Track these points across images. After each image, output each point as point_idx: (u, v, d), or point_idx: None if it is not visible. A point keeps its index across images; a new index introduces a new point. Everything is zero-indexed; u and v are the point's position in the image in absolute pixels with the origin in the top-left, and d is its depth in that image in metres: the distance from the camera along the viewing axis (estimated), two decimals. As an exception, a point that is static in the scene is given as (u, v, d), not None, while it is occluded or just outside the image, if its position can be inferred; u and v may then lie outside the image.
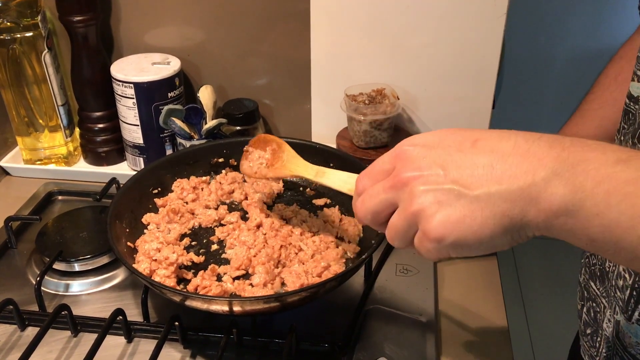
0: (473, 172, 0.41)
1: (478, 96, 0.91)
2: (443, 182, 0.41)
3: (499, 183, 0.40)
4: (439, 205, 0.41)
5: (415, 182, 0.42)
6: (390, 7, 0.87)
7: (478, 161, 0.41)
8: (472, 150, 0.42)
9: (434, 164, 0.42)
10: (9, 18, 0.86)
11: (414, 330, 0.68)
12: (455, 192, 0.41)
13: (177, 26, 0.97)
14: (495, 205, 0.40)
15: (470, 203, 0.41)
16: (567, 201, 0.38)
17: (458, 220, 0.41)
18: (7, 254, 0.80)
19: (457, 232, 0.41)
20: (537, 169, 0.39)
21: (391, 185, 0.44)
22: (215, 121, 0.89)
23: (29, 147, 0.97)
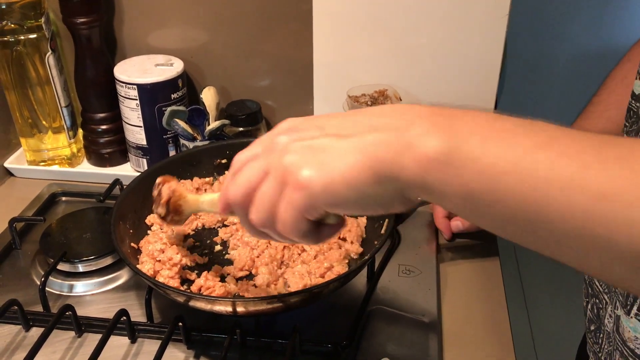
0: (350, 126, 0.40)
1: (480, 97, 0.92)
2: (319, 136, 0.40)
3: (374, 130, 0.39)
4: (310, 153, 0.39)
5: (290, 142, 0.40)
6: (393, 8, 0.88)
7: (357, 119, 0.40)
8: (352, 114, 0.41)
9: (312, 126, 0.41)
10: (12, 20, 0.86)
11: (417, 330, 0.68)
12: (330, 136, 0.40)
13: (180, 28, 0.97)
14: (368, 148, 0.38)
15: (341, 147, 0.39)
16: (442, 146, 0.36)
17: (326, 163, 0.38)
18: (11, 255, 0.80)
19: (325, 176, 0.38)
20: (415, 120, 0.38)
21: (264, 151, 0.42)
22: (218, 122, 0.89)
23: (33, 148, 0.97)
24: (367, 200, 0.39)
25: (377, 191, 0.38)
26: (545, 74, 2.56)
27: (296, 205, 0.40)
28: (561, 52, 2.50)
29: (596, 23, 2.41)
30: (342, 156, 0.38)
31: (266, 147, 0.42)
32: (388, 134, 0.38)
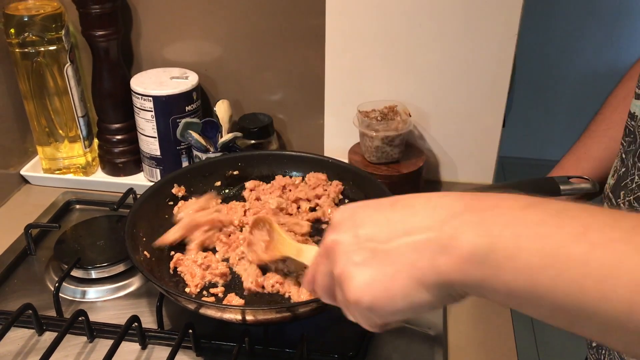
0: (386, 228, 0.41)
1: (489, 114, 0.93)
2: (358, 242, 0.41)
3: (408, 234, 0.39)
4: (354, 267, 0.41)
5: (335, 247, 0.43)
6: (404, 25, 0.89)
7: (392, 217, 0.41)
8: (389, 209, 0.42)
9: (353, 225, 0.42)
10: (34, 32, 0.89)
11: (423, 343, 0.69)
12: (369, 249, 0.41)
13: (196, 42, 1.00)
14: (404, 257, 0.39)
15: (382, 258, 0.40)
16: (476, 245, 0.36)
17: (370, 280, 0.40)
18: (26, 261, 0.82)
19: (370, 293, 0.40)
20: (447, 218, 0.38)
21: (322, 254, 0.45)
22: (230, 135, 0.91)
23: (49, 156, 1.00)
24: (414, 306, 0.40)
25: (422, 297, 0.39)
26: (554, 93, 2.57)
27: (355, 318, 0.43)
28: (570, 71, 2.51)
29: (605, 42, 2.42)
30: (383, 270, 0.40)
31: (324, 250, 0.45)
32: (422, 237, 0.39)
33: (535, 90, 2.53)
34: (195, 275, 0.70)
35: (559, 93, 2.56)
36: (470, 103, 0.93)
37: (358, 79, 0.95)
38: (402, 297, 0.39)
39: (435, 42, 0.89)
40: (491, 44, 0.88)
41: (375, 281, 0.40)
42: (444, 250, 0.37)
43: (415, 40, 0.90)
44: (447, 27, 0.88)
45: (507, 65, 0.89)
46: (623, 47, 2.39)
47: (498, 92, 0.91)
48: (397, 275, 0.39)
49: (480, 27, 0.87)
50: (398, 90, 0.94)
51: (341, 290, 0.42)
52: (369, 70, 0.94)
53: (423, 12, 0.88)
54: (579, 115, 2.29)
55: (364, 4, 0.89)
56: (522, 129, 2.58)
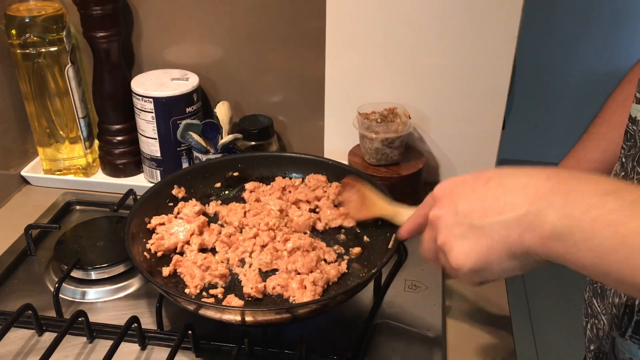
0: (481, 206, 0.48)
1: (488, 117, 0.93)
2: (457, 218, 0.49)
3: (500, 213, 0.46)
4: (454, 238, 0.49)
5: (438, 221, 0.51)
6: (404, 28, 0.90)
7: (486, 196, 0.48)
8: (483, 188, 0.49)
9: (452, 202, 0.50)
10: (35, 33, 0.89)
11: (422, 345, 0.69)
12: (466, 224, 0.48)
13: (196, 44, 1.00)
14: (496, 233, 0.47)
15: (478, 232, 0.48)
16: (557, 227, 0.43)
17: (469, 250, 0.48)
18: (26, 261, 0.82)
19: (470, 261, 0.48)
20: (534, 199, 0.45)
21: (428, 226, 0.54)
22: (231, 136, 0.91)
23: (49, 157, 1.00)
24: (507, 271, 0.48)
25: (513, 264, 0.47)
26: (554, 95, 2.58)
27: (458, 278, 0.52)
28: (570, 73, 2.52)
29: (605, 45, 2.42)
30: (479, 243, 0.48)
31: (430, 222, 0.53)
32: (512, 215, 0.46)
33: (535, 93, 2.53)
34: (195, 276, 0.70)
35: (559, 95, 2.56)
36: (470, 105, 0.93)
37: (358, 81, 0.95)
38: (497, 264, 0.47)
39: (435, 44, 0.90)
40: (491, 46, 0.88)
41: (473, 251, 0.48)
42: (530, 228, 0.44)
43: (415, 43, 0.90)
44: (447, 30, 0.88)
45: (506, 67, 0.89)
46: (623, 50, 2.39)
47: (498, 94, 0.91)
48: (492, 247, 0.47)
49: (480, 30, 0.87)
50: (398, 93, 0.94)
51: (445, 257, 0.51)
52: (369, 72, 0.94)
53: (423, 15, 0.88)
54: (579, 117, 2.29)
55: (365, 6, 0.89)
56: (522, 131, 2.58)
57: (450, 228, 0.50)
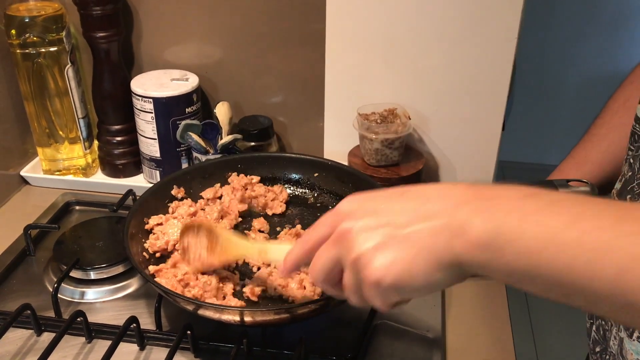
0: (402, 215, 0.44)
1: (488, 118, 0.93)
2: (376, 226, 0.45)
3: (425, 220, 0.43)
4: (374, 250, 0.44)
5: (351, 232, 0.46)
6: (404, 29, 0.90)
7: (406, 206, 0.45)
8: (400, 199, 0.46)
9: (366, 213, 0.46)
10: (35, 33, 0.89)
11: (421, 346, 0.69)
12: (388, 234, 0.44)
13: (196, 44, 1.00)
14: (422, 241, 0.43)
15: (401, 242, 0.44)
16: (483, 231, 0.41)
17: (392, 261, 0.44)
18: (25, 261, 0.82)
19: (392, 273, 0.44)
20: (458, 204, 0.43)
21: (332, 240, 0.48)
22: (230, 137, 0.91)
23: (49, 157, 1.00)
24: (430, 285, 0.44)
25: (438, 277, 0.44)
26: (554, 97, 2.58)
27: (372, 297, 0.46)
28: (570, 75, 2.52)
29: (605, 47, 2.42)
30: (403, 253, 0.44)
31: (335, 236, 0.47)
32: (438, 222, 0.43)
33: (535, 95, 2.54)
34: (176, 289, 0.68)
35: (559, 97, 2.56)
36: (470, 106, 0.93)
37: (358, 82, 0.95)
38: (423, 276, 0.43)
39: (435, 45, 0.90)
40: (491, 47, 0.88)
41: (397, 262, 0.43)
42: (458, 234, 0.42)
43: (415, 44, 0.90)
44: (447, 31, 0.88)
45: (506, 69, 0.89)
46: (623, 52, 2.40)
47: (497, 95, 0.91)
48: (418, 256, 0.43)
49: (480, 31, 0.87)
50: (398, 93, 0.94)
51: (356, 273, 0.46)
52: (369, 73, 0.94)
53: (423, 16, 0.88)
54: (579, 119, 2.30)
55: (365, 7, 0.89)
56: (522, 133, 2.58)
57: (366, 240, 0.45)
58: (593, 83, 2.46)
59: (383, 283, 0.44)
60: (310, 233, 0.50)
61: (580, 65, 2.47)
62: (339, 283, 0.49)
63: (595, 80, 2.45)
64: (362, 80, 0.95)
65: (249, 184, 0.85)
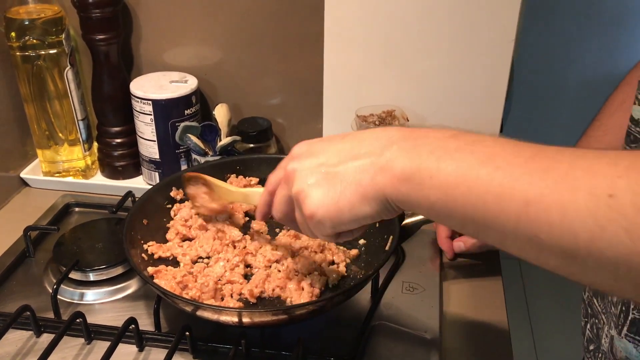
0: (337, 154, 0.49)
1: (486, 119, 0.93)
2: (315, 166, 0.50)
3: (355, 159, 0.48)
4: (309, 187, 0.50)
5: (295, 172, 0.51)
6: (402, 31, 0.90)
7: (342, 146, 0.50)
8: (340, 141, 0.51)
9: (309, 155, 0.51)
10: (34, 35, 0.89)
11: (419, 347, 0.69)
12: (323, 172, 0.49)
13: (195, 46, 1.00)
14: (350, 177, 0.48)
15: (332, 178, 0.49)
16: (406, 167, 0.45)
17: (322, 196, 0.49)
18: (25, 263, 0.82)
19: (323, 206, 0.49)
20: (386, 145, 0.47)
21: (283, 181, 0.54)
22: (229, 138, 0.91)
23: (49, 159, 1.00)
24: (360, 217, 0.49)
25: (365, 209, 0.48)
26: (554, 99, 2.58)
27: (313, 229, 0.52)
28: (570, 77, 2.52)
29: (604, 49, 2.42)
30: (333, 188, 0.49)
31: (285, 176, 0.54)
32: (366, 161, 0.48)
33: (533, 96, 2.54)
34: (175, 290, 0.69)
35: (558, 99, 2.56)
36: (468, 108, 0.93)
37: (356, 84, 0.96)
38: (349, 209, 0.48)
39: (433, 47, 0.90)
40: (488, 49, 0.88)
41: (327, 197, 0.49)
42: (382, 171, 0.46)
43: (413, 46, 0.91)
44: (445, 33, 0.89)
45: (504, 71, 0.90)
46: (621, 54, 2.40)
47: (495, 97, 0.91)
48: (345, 191, 0.48)
49: (477, 33, 0.88)
50: (396, 95, 0.95)
51: (299, 208, 0.51)
52: (367, 75, 0.94)
53: (421, 18, 0.88)
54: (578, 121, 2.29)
55: (363, 9, 0.90)
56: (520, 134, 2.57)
57: (305, 178, 0.50)
58: (592, 85, 2.46)
59: (316, 216, 0.49)
60: (270, 177, 0.58)
61: (579, 67, 2.47)
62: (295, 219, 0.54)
63: (593, 82, 2.45)
64: (361, 82, 0.95)
65: (248, 186, 0.85)
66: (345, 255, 0.76)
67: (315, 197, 0.49)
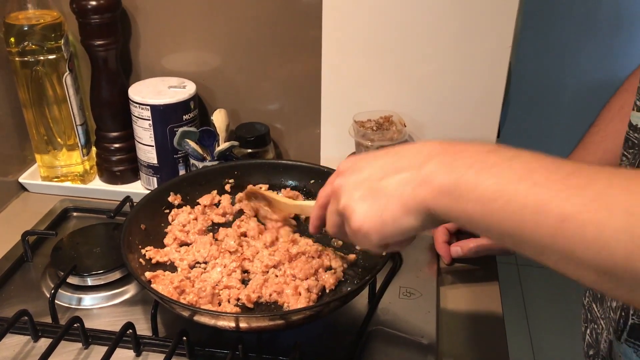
0: (381, 169, 0.51)
1: (483, 125, 0.94)
2: (360, 181, 0.52)
3: (397, 172, 0.50)
4: (355, 202, 0.52)
5: (340, 190, 0.54)
6: (399, 37, 0.90)
7: (385, 161, 0.52)
8: (383, 156, 0.53)
9: (354, 171, 0.53)
10: (33, 41, 0.90)
11: (416, 352, 0.69)
12: (367, 187, 0.51)
13: (194, 52, 1.01)
14: (392, 190, 0.49)
15: (376, 193, 0.50)
16: (446, 180, 0.46)
17: (367, 209, 0.51)
18: (23, 267, 0.83)
19: (369, 220, 0.50)
20: (427, 160, 0.48)
21: (332, 197, 0.56)
22: (227, 144, 0.92)
23: (47, 164, 1.00)
24: (404, 229, 0.50)
25: (409, 221, 0.49)
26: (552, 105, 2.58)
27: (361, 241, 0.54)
28: (567, 83, 2.52)
29: (602, 54, 2.43)
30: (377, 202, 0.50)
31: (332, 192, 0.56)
32: (407, 174, 0.49)
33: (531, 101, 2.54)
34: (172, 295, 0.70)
35: (555, 105, 2.57)
36: (465, 114, 0.93)
37: (354, 90, 0.96)
38: (392, 221, 0.49)
39: (431, 53, 0.90)
40: (485, 55, 0.89)
41: (371, 210, 0.50)
42: (422, 184, 0.47)
43: (411, 52, 0.91)
44: (442, 39, 0.89)
45: (501, 76, 0.90)
46: (619, 59, 2.40)
47: (492, 102, 0.92)
48: (388, 204, 0.49)
49: (474, 39, 0.88)
50: (393, 101, 0.95)
51: (347, 222, 0.53)
52: (365, 80, 0.95)
53: (418, 24, 0.89)
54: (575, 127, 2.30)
55: (360, 15, 0.90)
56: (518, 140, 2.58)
57: (351, 193, 0.52)
58: (589, 90, 2.47)
59: (362, 229, 0.51)
60: (321, 192, 0.59)
61: (576, 73, 2.48)
62: None
63: (591, 88, 2.45)
64: (358, 88, 0.96)
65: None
66: (342, 260, 0.76)
67: (360, 211, 0.51)
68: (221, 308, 0.69)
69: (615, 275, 0.37)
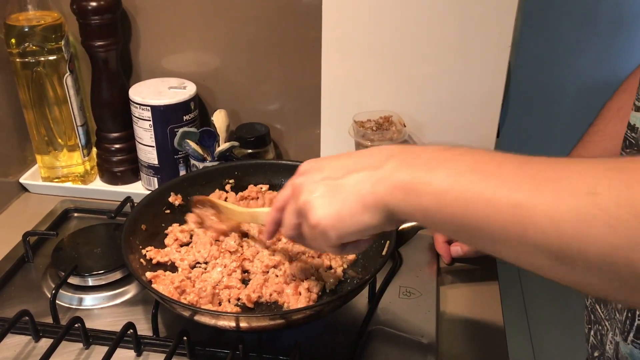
0: (341, 168, 0.52)
1: (482, 125, 0.94)
2: (319, 180, 0.53)
3: (357, 171, 0.51)
4: (314, 198, 0.52)
5: (301, 186, 0.54)
6: (399, 38, 0.91)
7: (346, 161, 0.53)
8: (344, 157, 0.54)
9: (314, 171, 0.54)
10: (34, 42, 0.90)
11: (416, 351, 0.70)
12: (327, 184, 0.52)
13: (194, 52, 1.01)
14: (351, 187, 0.50)
15: (335, 189, 0.51)
16: (403, 177, 0.47)
17: (327, 205, 0.51)
18: (24, 268, 0.83)
19: (328, 216, 0.51)
20: (387, 159, 0.49)
21: (291, 196, 0.56)
22: (227, 144, 0.92)
23: (48, 165, 1.01)
24: (362, 226, 0.50)
25: (367, 218, 0.50)
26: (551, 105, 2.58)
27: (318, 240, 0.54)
28: (567, 83, 2.52)
29: (602, 55, 2.43)
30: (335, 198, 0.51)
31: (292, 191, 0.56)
32: (367, 173, 0.50)
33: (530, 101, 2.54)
34: (173, 295, 0.70)
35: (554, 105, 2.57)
36: (465, 114, 0.93)
37: (354, 90, 0.96)
38: (350, 217, 0.50)
39: (430, 53, 0.91)
40: (485, 55, 0.89)
41: (330, 206, 0.51)
42: (381, 181, 0.48)
43: (410, 52, 0.91)
44: (442, 39, 0.89)
45: (500, 76, 0.90)
46: (619, 60, 2.40)
47: (492, 102, 0.92)
48: (346, 200, 0.50)
49: (474, 39, 0.88)
50: (393, 101, 0.95)
51: (305, 218, 0.53)
52: (364, 81, 0.95)
53: (418, 25, 0.89)
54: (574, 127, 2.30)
55: (360, 16, 0.90)
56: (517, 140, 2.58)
57: (311, 190, 0.53)
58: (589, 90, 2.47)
59: (320, 225, 0.51)
60: (279, 195, 0.59)
61: (575, 73, 2.48)
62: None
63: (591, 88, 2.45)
64: (358, 88, 0.96)
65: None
66: (342, 260, 0.76)
67: (319, 207, 0.51)
68: (221, 308, 0.69)
69: (567, 258, 0.38)
